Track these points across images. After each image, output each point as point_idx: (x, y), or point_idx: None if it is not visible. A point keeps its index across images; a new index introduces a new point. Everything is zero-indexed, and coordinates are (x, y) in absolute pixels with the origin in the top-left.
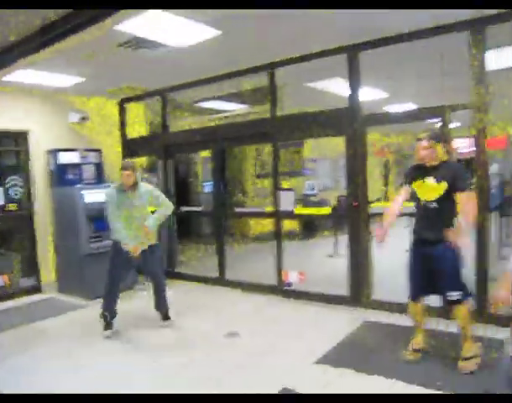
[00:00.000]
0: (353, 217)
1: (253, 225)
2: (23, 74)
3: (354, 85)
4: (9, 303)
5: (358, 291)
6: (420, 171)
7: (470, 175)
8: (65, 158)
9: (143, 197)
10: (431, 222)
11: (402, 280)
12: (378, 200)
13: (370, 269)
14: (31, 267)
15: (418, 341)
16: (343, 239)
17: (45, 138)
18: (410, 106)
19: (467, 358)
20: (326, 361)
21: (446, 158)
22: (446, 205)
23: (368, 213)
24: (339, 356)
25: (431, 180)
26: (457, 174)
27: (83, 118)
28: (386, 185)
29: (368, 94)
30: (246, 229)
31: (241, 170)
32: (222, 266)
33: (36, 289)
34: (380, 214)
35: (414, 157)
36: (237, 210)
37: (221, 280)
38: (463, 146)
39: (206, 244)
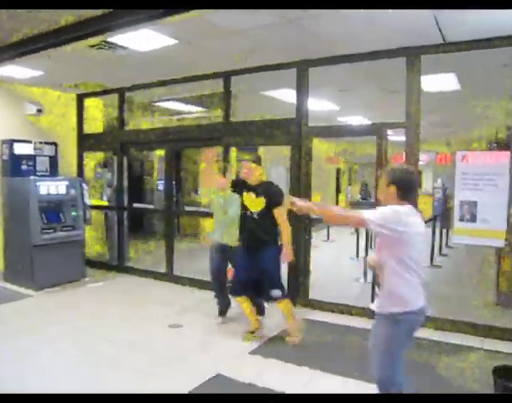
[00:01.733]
0: (294, 222)
1: (206, 224)
2: None
3: (302, 97)
4: None
5: (297, 291)
6: (245, 186)
7: (282, 193)
8: (20, 149)
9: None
10: (255, 230)
11: (342, 283)
12: None
13: (308, 270)
14: None
15: (253, 325)
16: None
17: (1, 128)
18: (360, 119)
19: (292, 336)
20: (258, 352)
21: (264, 178)
22: (267, 217)
23: (310, 218)
24: (271, 348)
25: (252, 196)
26: (273, 192)
27: (39, 111)
28: (338, 191)
29: (321, 105)
30: (198, 228)
31: (197, 170)
32: (169, 262)
33: None
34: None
35: (365, 165)
36: (187, 209)
37: (168, 275)
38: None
39: (157, 241)
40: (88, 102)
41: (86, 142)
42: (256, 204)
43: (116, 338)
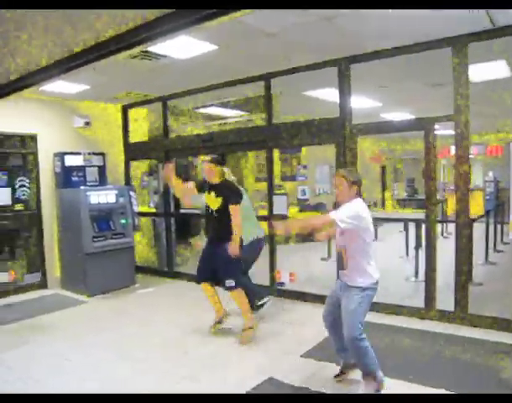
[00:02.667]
0: None
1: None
2: None
3: (344, 95)
4: (16, 297)
5: None
6: (207, 185)
7: (239, 193)
8: (71, 161)
9: None
10: (215, 226)
11: (392, 283)
12: (375, 204)
13: None
14: (37, 264)
15: (216, 312)
16: None
17: (52, 141)
18: (403, 114)
19: (248, 328)
20: (311, 355)
21: (223, 178)
22: (224, 214)
23: None
24: (324, 351)
25: (212, 195)
26: (230, 191)
27: (87, 123)
28: (383, 190)
29: (364, 103)
30: None
31: (241, 173)
32: None
33: (42, 285)
34: (373, 218)
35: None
36: None
37: None
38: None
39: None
40: (133, 111)
41: (132, 151)
42: (215, 202)
43: (163, 344)
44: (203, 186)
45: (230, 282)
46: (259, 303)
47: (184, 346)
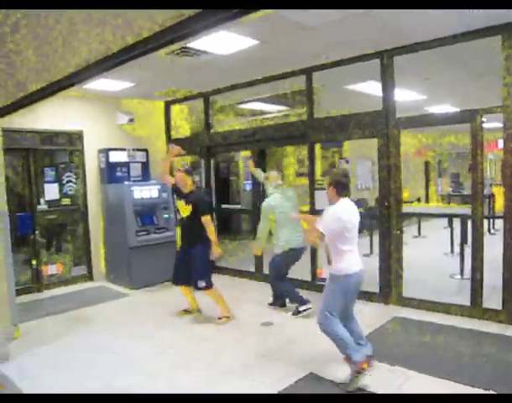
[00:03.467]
0: (385, 217)
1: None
2: None
3: (387, 88)
4: (63, 289)
5: (389, 288)
6: (179, 193)
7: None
8: (115, 157)
9: None
10: (186, 232)
11: (437, 281)
12: (419, 200)
13: (401, 267)
14: (83, 257)
15: (190, 305)
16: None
17: (97, 138)
18: (448, 107)
19: (224, 317)
20: None
21: (194, 187)
22: (194, 221)
23: (401, 213)
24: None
25: (183, 202)
26: (199, 201)
27: (130, 120)
28: (427, 185)
29: (408, 95)
30: None
31: (283, 170)
32: (259, 261)
33: (88, 277)
34: (413, 214)
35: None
36: None
37: (258, 274)
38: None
39: (245, 240)
40: (175, 108)
41: None
42: (185, 210)
43: (204, 337)
44: (176, 191)
45: (201, 283)
46: (301, 309)
47: (224, 340)
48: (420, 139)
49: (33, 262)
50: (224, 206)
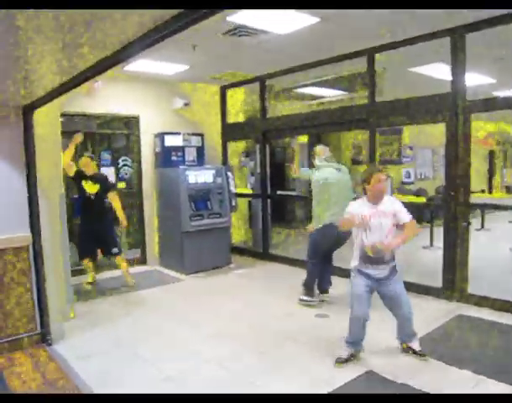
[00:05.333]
0: (451, 208)
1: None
2: (134, 63)
3: (458, 69)
4: (118, 272)
5: (453, 284)
6: (84, 176)
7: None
8: (170, 141)
9: None
10: (94, 208)
11: (502, 277)
12: (483, 191)
13: (466, 262)
14: (138, 240)
15: (91, 278)
16: (440, 231)
17: (153, 122)
18: None
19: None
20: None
21: (96, 170)
22: (102, 198)
23: (469, 204)
24: (429, 346)
25: (90, 182)
26: (106, 180)
27: (186, 104)
28: (491, 175)
29: (472, 79)
30: None
31: (336, 155)
32: None
33: (142, 261)
34: (482, 205)
35: None
36: None
37: None
38: None
39: (299, 228)
40: (231, 92)
41: (229, 131)
42: (93, 188)
43: (259, 326)
44: (79, 174)
45: (114, 250)
46: (304, 297)
47: (275, 328)
48: (483, 127)
49: None
50: (279, 192)
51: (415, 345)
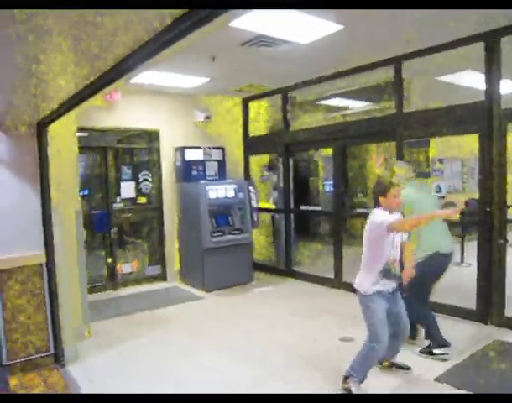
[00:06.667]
0: (485, 223)
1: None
2: (154, 77)
3: (493, 75)
4: (137, 288)
5: (489, 306)
6: None
7: None
8: (191, 155)
9: None
10: None
11: None
12: None
13: (504, 282)
14: (158, 257)
15: None
16: (472, 247)
17: (173, 136)
18: None
19: None
20: (446, 379)
21: None
22: None
23: (506, 220)
24: (462, 377)
25: None
26: None
27: (207, 117)
28: None
29: (506, 87)
30: None
31: (362, 169)
32: (338, 268)
33: (161, 277)
34: None
35: None
36: (359, 211)
37: (337, 282)
38: None
39: (324, 244)
40: (253, 104)
41: (251, 145)
42: None
43: (280, 348)
44: None
45: None
46: (436, 351)
47: (299, 349)
48: None
49: (109, 260)
50: (303, 207)
51: (397, 359)
